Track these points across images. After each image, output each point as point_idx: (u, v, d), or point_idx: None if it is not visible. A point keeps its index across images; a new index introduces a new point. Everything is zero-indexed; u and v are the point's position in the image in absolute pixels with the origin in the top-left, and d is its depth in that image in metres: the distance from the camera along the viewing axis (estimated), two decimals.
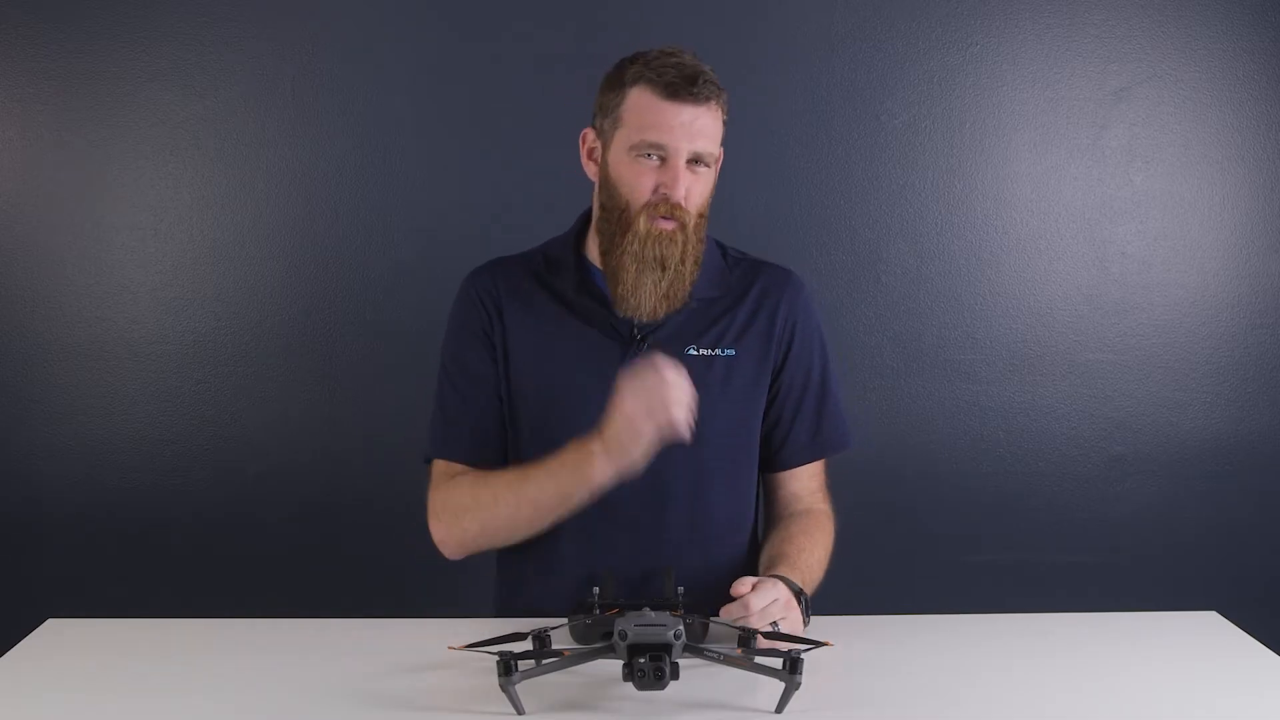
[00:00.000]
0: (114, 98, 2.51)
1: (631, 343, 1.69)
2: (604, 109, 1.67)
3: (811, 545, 1.69)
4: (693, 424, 1.52)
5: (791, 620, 1.52)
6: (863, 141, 2.55)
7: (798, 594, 1.56)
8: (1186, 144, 2.57)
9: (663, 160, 1.62)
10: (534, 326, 1.73)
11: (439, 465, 1.75)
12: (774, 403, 1.75)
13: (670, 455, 1.69)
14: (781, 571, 1.59)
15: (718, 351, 1.71)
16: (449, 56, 2.52)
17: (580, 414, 1.68)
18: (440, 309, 1.87)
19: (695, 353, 1.70)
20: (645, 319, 1.67)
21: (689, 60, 1.63)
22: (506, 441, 1.76)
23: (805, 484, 1.78)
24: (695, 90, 1.60)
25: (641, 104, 1.62)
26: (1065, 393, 2.60)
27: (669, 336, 1.70)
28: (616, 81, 1.66)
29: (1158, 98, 2.56)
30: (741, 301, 1.74)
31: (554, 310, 1.72)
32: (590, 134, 1.71)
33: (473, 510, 1.68)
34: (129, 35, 2.50)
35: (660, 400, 1.50)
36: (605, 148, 1.67)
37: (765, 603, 1.49)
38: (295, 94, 2.52)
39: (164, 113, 2.52)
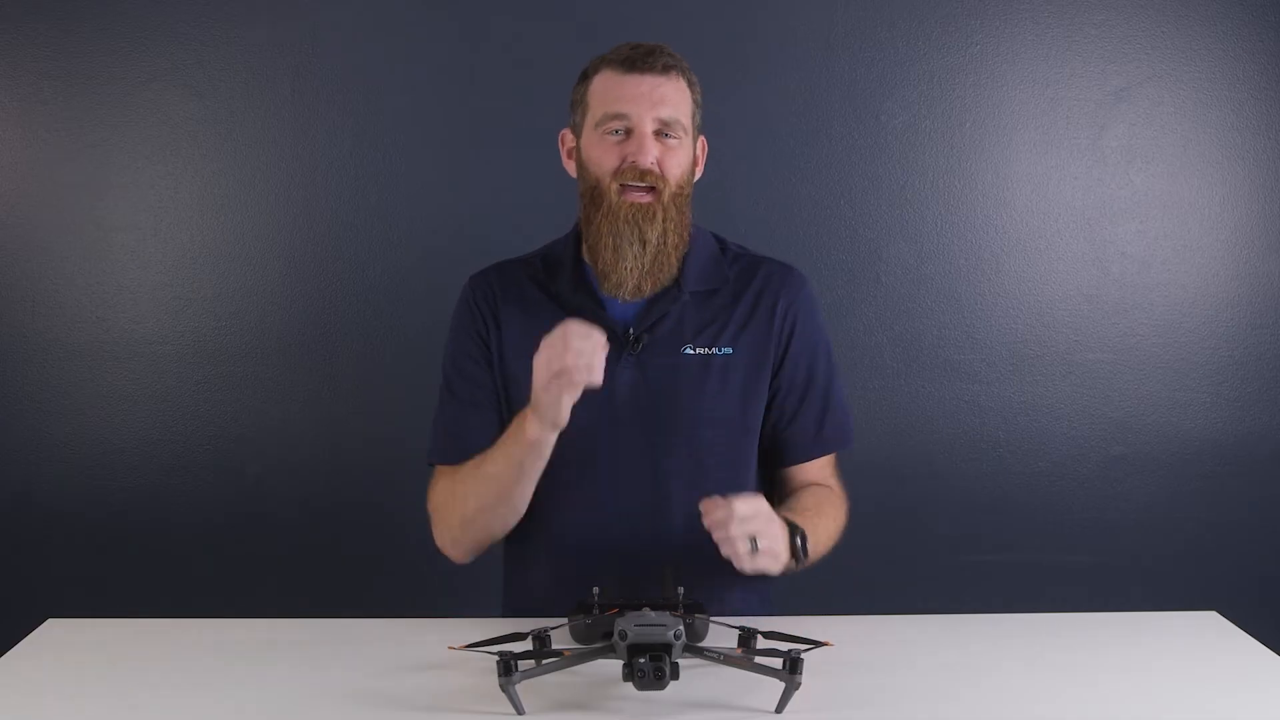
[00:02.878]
0: (114, 98, 2.52)
1: (627, 343, 1.69)
2: (574, 104, 1.72)
3: (819, 514, 1.68)
4: (598, 377, 1.51)
5: (772, 535, 1.50)
6: (863, 141, 2.55)
7: (792, 530, 1.55)
8: (1186, 144, 2.57)
9: (629, 133, 1.65)
10: (531, 329, 1.72)
11: (436, 471, 1.77)
12: (775, 399, 1.75)
13: (670, 454, 1.69)
14: (781, 512, 1.58)
15: (715, 350, 1.71)
16: (449, 57, 2.52)
17: (576, 414, 1.68)
18: (440, 309, 1.87)
19: (692, 351, 1.70)
20: (629, 297, 1.67)
21: (651, 44, 1.67)
22: None
23: (815, 475, 1.78)
24: (652, 61, 1.64)
25: (603, 84, 1.67)
26: (1065, 393, 2.60)
27: (665, 336, 1.70)
28: (582, 76, 1.71)
29: (1158, 98, 2.56)
30: (740, 298, 1.74)
31: (551, 312, 1.72)
32: (567, 134, 1.75)
33: (450, 505, 1.71)
34: (129, 36, 2.50)
35: (560, 361, 1.50)
36: (578, 138, 1.71)
37: (748, 511, 1.48)
38: (295, 94, 2.52)
39: (164, 113, 2.52)
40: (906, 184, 2.56)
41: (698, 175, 1.75)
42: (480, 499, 1.67)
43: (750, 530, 1.48)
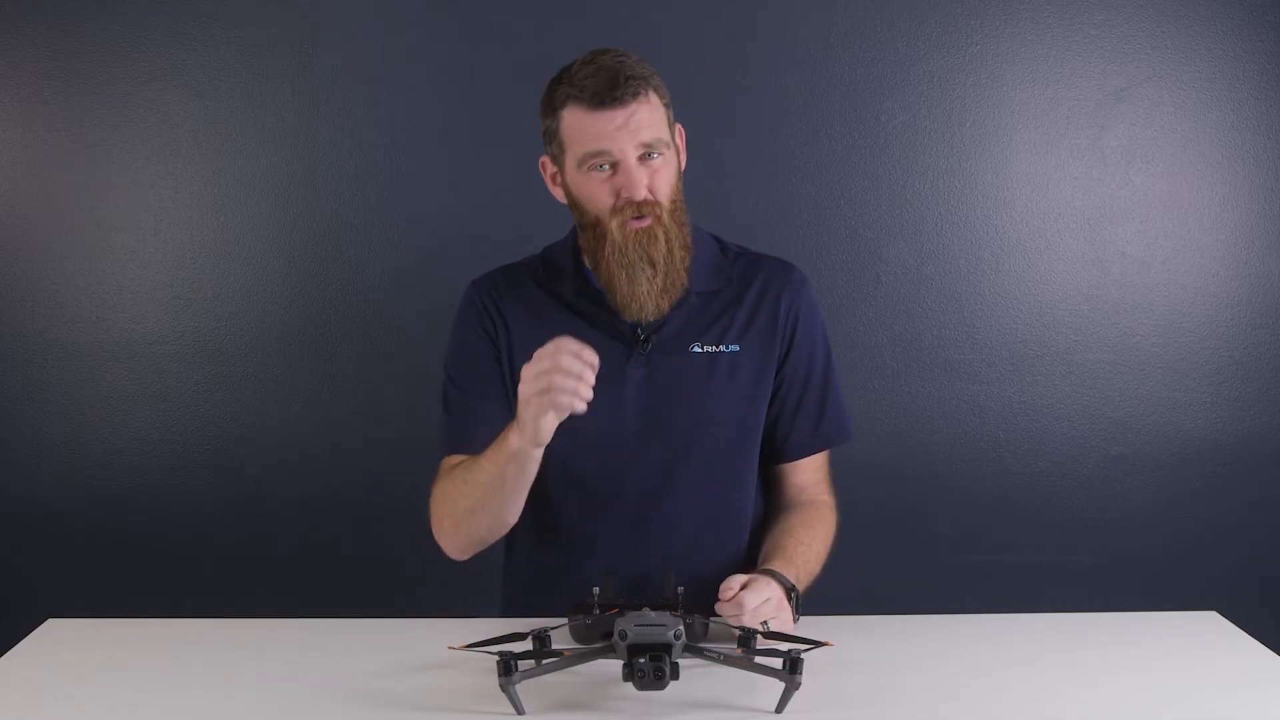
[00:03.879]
0: (114, 98, 2.51)
1: (635, 343, 1.69)
2: (548, 136, 1.69)
3: (810, 538, 1.70)
4: (582, 402, 1.49)
5: (782, 620, 1.53)
6: (863, 141, 2.55)
7: (789, 590, 1.57)
8: (1186, 144, 2.57)
9: (614, 167, 1.63)
10: (539, 329, 1.72)
11: (440, 466, 1.77)
12: (776, 396, 1.76)
13: (676, 451, 1.70)
14: (776, 566, 1.60)
15: (722, 348, 1.72)
16: (450, 57, 2.52)
17: (587, 416, 1.68)
18: (440, 309, 1.87)
19: (700, 350, 1.71)
20: (651, 318, 1.68)
21: (609, 62, 1.63)
22: None
23: (809, 476, 1.79)
24: (619, 93, 1.61)
25: (575, 123, 1.63)
26: (1065, 393, 2.60)
27: (672, 335, 1.71)
28: (549, 107, 1.67)
29: (1158, 98, 2.56)
30: (744, 296, 1.75)
31: (558, 313, 1.73)
32: (547, 161, 1.73)
33: (444, 504, 1.71)
34: (129, 36, 2.50)
35: (547, 379, 1.48)
36: (561, 171, 1.70)
37: (758, 601, 1.50)
38: (295, 94, 2.52)
39: (164, 113, 2.52)
40: (906, 184, 2.56)
41: (683, 162, 1.74)
42: (468, 502, 1.67)
43: (761, 617, 1.49)
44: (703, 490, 1.71)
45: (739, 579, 1.53)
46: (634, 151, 1.62)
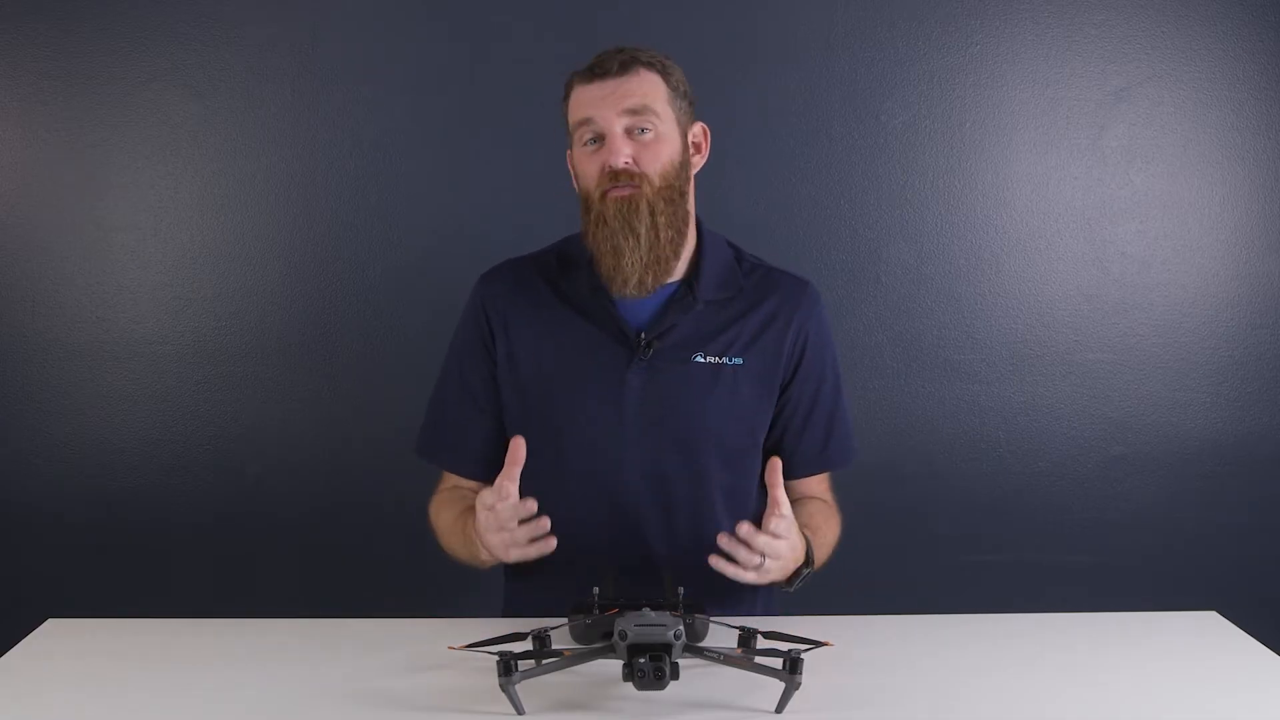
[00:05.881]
0: (114, 98, 2.51)
1: (638, 348, 1.69)
2: (564, 123, 1.73)
3: (825, 530, 1.72)
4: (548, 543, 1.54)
5: (782, 567, 1.55)
6: (863, 141, 2.55)
7: (806, 558, 1.60)
8: (1186, 144, 2.57)
9: (602, 140, 1.65)
10: (542, 330, 1.73)
11: (444, 475, 1.82)
12: (783, 414, 1.75)
13: (673, 463, 1.69)
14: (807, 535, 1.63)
15: (725, 360, 1.70)
16: (450, 57, 2.52)
17: (585, 418, 1.68)
18: (440, 309, 1.87)
19: (703, 360, 1.70)
20: (634, 293, 1.66)
21: (617, 47, 1.68)
22: (491, 452, 1.77)
23: (813, 488, 1.80)
24: (609, 64, 1.65)
25: (575, 97, 1.68)
26: (1065, 393, 2.60)
27: (676, 342, 1.70)
28: (564, 95, 1.72)
29: (1158, 98, 2.56)
30: (754, 310, 1.73)
31: (563, 313, 1.73)
32: (569, 154, 1.74)
33: (438, 533, 1.78)
34: (129, 36, 2.50)
35: (508, 536, 1.53)
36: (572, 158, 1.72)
37: (778, 543, 1.51)
38: (295, 94, 2.52)
39: (164, 113, 2.52)
40: (906, 184, 2.56)
41: (700, 162, 1.74)
42: (460, 552, 1.73)
43: (773, 556, 1.52)
44: (698, 499, 1.71)
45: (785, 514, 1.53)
46: (619, 121, 1.63)
